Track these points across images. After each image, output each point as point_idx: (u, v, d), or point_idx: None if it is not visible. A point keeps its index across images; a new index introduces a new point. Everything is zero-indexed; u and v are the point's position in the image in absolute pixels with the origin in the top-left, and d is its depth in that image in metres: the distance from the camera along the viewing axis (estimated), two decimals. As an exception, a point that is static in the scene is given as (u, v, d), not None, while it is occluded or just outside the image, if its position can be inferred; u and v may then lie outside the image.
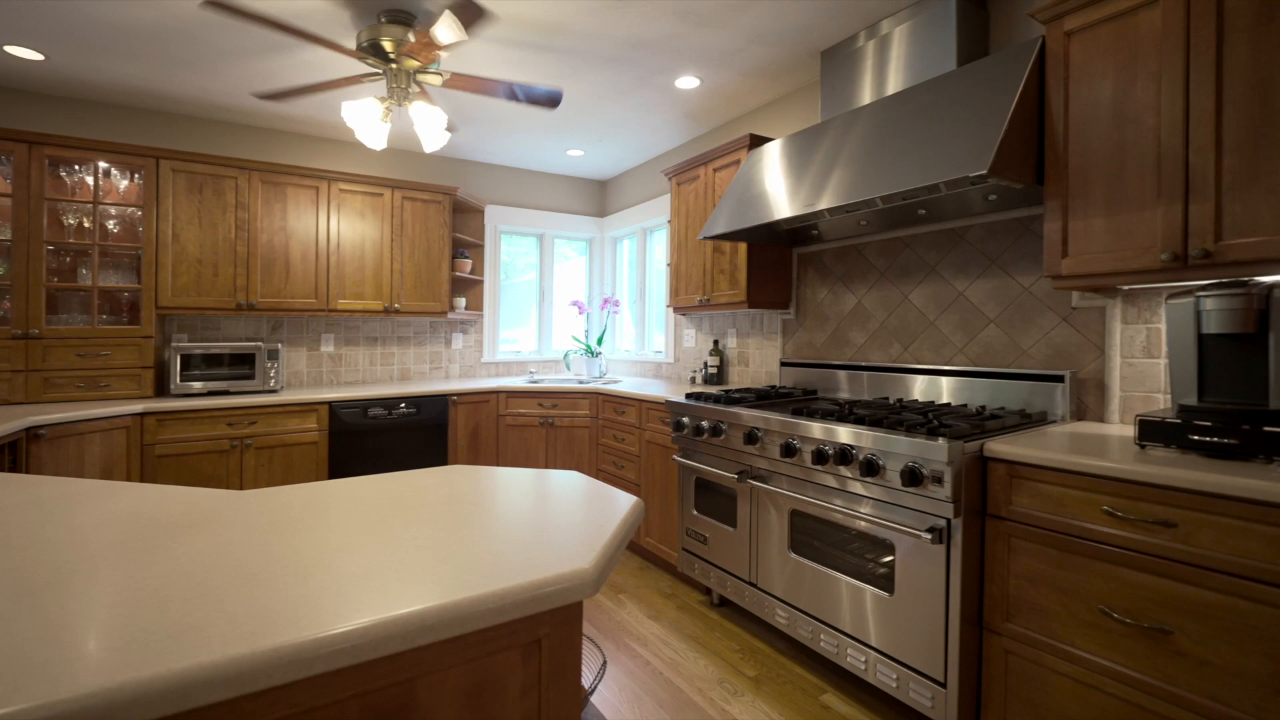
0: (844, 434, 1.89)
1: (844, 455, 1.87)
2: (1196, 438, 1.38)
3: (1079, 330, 1.98)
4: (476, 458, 3.68)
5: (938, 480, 1.61)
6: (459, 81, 2.45)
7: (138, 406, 2.83)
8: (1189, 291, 1.49)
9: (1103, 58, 1.68)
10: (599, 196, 4.96)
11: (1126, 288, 1.83)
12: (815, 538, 2.05)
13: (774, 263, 3.06)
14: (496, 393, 3.74)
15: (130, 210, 3.14)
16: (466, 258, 4.20)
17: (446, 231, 3.94)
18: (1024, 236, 2.14)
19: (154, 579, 0.77)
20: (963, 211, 2.25)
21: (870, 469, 1.78)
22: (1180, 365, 1.49)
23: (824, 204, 2.10)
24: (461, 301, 4.20)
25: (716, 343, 3.52)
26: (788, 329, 3.14)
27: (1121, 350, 1.88)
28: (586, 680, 2.12)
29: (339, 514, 1.06)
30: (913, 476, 1.65)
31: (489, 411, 3.73)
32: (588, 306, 4.51)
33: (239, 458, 3.05)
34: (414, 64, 2.31)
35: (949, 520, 1.62)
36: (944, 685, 1.64)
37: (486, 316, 4.48)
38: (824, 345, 2.93)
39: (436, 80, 2.44)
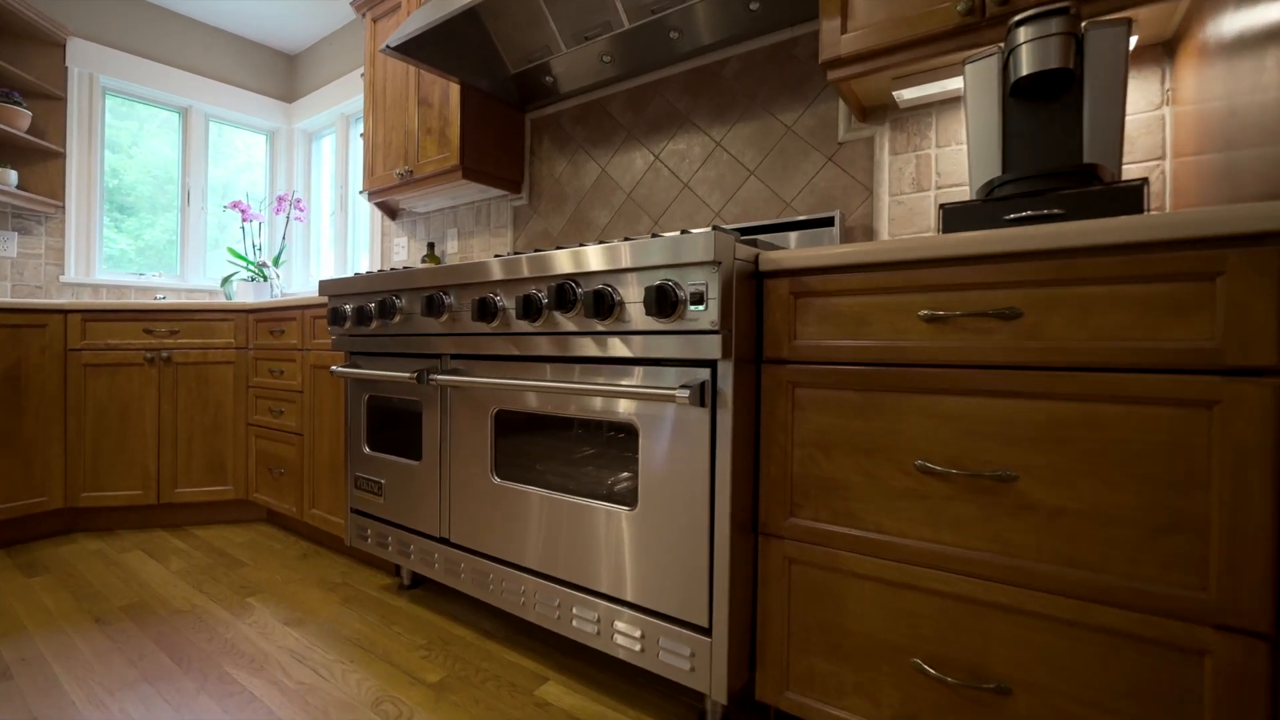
0: (562, 261, 1.20)
1: (562, 295, 1.18)
2: (1013, 215, 1.00)
3: (845, 170, 1.62)
4: (19, 419, 2.20)
5: (699, 300, 1.01)
6: None
7: None
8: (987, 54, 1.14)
9: None
10: (287, 75, 3.67)
11: (907, 95, 1.49)
12: (527, 447, 1.35)
13: (502, 131, 2.31)
14: (63, 312, 2.31)
15: None
16: (22, 106, 2.62)
17: (-39, 45, 2.36)
18: (788, 64, 1.73)
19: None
20: (720, 32, 1.77)
21: (601, 306, 1.12)
22: (982, 140, 1.12)
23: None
24: (11, 175, 2.61)
25: (432, 247, 2.64)
26: (520, 218, 2.42)
27: (890, 187, 1.56)
28: None
29: None
30: (662, 298, 1.03)
31: (46, 343, 2.27)
32: (257, 212, 3.21)
33: None
34: None
35: (715, 365, 1.04)
36: (708, 632, 1.05)
37: (74, 213, 2.89)
38: (562, 233, 2.27)
39: None
